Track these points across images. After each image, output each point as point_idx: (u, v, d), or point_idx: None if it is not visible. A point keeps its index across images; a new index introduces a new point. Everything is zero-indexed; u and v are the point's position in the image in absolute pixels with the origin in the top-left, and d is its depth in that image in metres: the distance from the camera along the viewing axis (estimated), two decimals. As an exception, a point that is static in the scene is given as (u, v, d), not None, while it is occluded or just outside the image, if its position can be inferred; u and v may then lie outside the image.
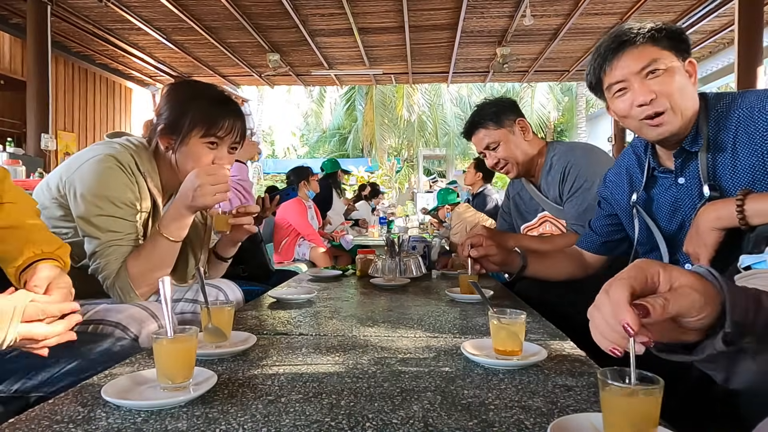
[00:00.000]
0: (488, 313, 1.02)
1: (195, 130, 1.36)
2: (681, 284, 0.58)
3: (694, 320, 0.58)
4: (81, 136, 8.00)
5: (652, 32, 1.20)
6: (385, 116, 18.80)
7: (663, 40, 1.20)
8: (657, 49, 1.20)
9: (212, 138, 1.38)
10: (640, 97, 1.21)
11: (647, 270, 0.59)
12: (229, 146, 1.43)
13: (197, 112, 1.36)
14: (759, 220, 1.02)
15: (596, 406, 0.74)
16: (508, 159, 2.04)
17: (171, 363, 0.81)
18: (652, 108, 1.20)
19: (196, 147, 1.37)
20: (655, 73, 1.20)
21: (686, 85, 1.21)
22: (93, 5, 5.80)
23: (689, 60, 1.23)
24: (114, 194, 1.30)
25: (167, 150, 1.40)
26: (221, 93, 1.45)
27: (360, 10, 5.86)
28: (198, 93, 1.41)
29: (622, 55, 1.22)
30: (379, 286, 1.92)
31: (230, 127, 1.39)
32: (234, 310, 1.14)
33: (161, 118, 1.40)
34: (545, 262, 1.69)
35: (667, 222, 1.34)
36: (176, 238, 1.35)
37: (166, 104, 1.40)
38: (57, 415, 0.73)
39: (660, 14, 6.00)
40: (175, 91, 1.44)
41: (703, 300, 0.57)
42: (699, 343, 0.61)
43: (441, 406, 0.77)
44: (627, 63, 1.22)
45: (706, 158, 1.21)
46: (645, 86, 1.20)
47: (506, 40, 6.81)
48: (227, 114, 1.39)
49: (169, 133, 1.38)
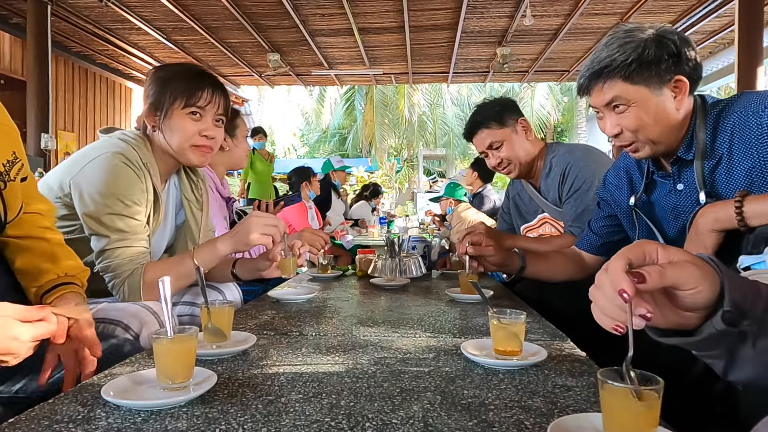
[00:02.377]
0: (488, 313, 1.03)
1: (176, 102, 1.40)
2: (679, 259, 0.58)
3: (691, 293, 0.58)
4: (81, 135, 8.01)
5: (621, 66, 1.19)
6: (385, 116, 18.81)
7: (633, 74, 1.19)
8: (625, 85, 1.21)
9: (193, 108, 1.42)
10: (608, 129, 1.27)
11: (645, 247, 0.60)
12: (213, 118, 1.46)
13: (177, 85, 1.41)
14: (758, 222, 1.02)
15: (596, 406, 0.74)
16: (511, 159, 2.03)
17: (171, 363, 0.81)
18: (620, 141, 1.27)
19: (179, 119, 1.41)
20: (620, 108, 1.23)
21: (660, 112, 1.20)
22: (93, 5, 5.80)
23: (676, 78, 1.19)
24: (123, 192, 1.31)
25: (154, 129, 1.44)
26: (199, 67, 1.51)
27: (360, 10, 5.86)
28: (177, 70, 1.46)
29: (594, 87, 1.26)
30: (379, 286, 1.92)
31: (210, 97, 1.43)
32: (234, 310, 1.14)
33: (147, 100, 1.45)
34: (544, 263, 1.69)
35: (669, 226, 1.34)
36: (204, 265, 1.36)
37: (150, 86, 1.45)
38: (57, 415, 0.73)
39: (660, 14, 6.00)
40: (156, 73, 1.48)
41: (700, 273, 0.57)
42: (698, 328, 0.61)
43: (441, 406, 0.77)
44: (596, 95, 1.26)
45: (702, 165, 1.20)
46: (613, 119, 1.26)
47: (506, 40, 6.82)
48: (205, 84, 1.43)
49: (153, 111, 1.42)
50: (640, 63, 1.18)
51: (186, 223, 1.60)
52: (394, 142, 19.82)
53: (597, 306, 0.61)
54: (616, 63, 1.20)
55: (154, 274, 1.32)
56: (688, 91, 1.21)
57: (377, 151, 18.65)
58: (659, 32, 1.20)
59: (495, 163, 2.07)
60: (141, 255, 1.35)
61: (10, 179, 1.03)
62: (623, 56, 1.19)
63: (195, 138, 1.43)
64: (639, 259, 0.59)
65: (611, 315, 0.60)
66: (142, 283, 1.31)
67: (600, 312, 0.61)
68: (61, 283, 1.07)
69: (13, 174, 1.03)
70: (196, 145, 1.44)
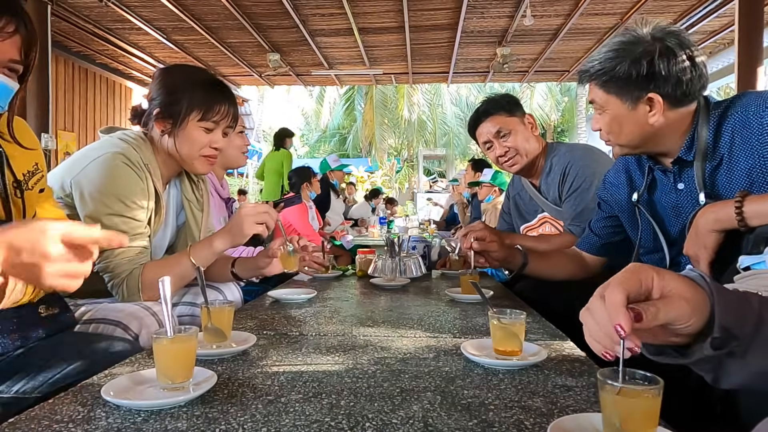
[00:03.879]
0: (488, 313, 1.03)
1: (193, 113, 1.40)
2: (672, 293, 0.59)
3: (682, 327, 0.59)
4: (81, 135, 8.00)
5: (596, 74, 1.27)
6: (385, 116, 18.81)
7: (607, 84, 1.25)
8: (599, 91, 1.29)
9: (209, 122, 1.42)
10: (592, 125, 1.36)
11: (641, 274, 0.60)
12: (223, 130, 1.47)
13: (194, 96, 1.40)
14: (758, 222, 1.02)
15: (596, 406, 0.74)
16: (518, 149, 2.01)
17: (171, 363, 0.81)
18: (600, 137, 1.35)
19: (193, 131, 1.41)
20: (598, 110, 1.31)
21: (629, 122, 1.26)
22: (93, 5, 5.79)
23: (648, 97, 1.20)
24: (124, 193, 1.31)
25: (162, 134, 1.43)
26: (214, 76, 1.51)
27: (360, 10, 5.86)
28: (192, 76, 1.45)
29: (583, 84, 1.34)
30: (379, 286, 1.92)
31: (225, 112, 1.44)
32: (234, 310, 1.14)
33: (155, 102, 1.43)
34: (546, 262, 1.69)
35: (670, 224, 1.34)
36: (201, 263, 1.36)
37: (160, 88, 1.43)
38: (57, 415, 0.73)
39: (660, 14, 5.99)
40: (167, 75, 1.47)
41: (691, 310, 0.58)
42: (689, 346, 0.62)
43: (441, 406, 0.77)
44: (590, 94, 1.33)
45: (702, 167, 1.21)
46: (595, 117, 1.33)
47: (506, 41, 6.81)
48: (222, 98, 1.43)
49: (165, 117, 1.41)
50: (611, 77, 1.23)
51: (186, 224, 1.60)
52: (394, 142, 19.84)
53: (588, 331, 0.62)
54: (593, 70, 1.27)
55: (152, 274, 1.32)
56: (663, 108, 1.21)
57: (377, 151, 18.65)
58: (655, 34, 1.20)
59: (501, 152, 2.03)
60: (140, 255, 1.35)
61: (27, 188, 1.05)
62: (599, 65, 1.25)
63: (205, 149, 1.44)
64: (635, 289, 0.59)
65: (601, 342, 0.60)
66: (141, 284, 1.31)
67: (591, 338, 0.62)
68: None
69: (31, 184, 1.06)
70: (203, 156, 1.45)
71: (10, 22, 0.89)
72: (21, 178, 1.03)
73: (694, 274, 0.62)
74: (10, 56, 0.92)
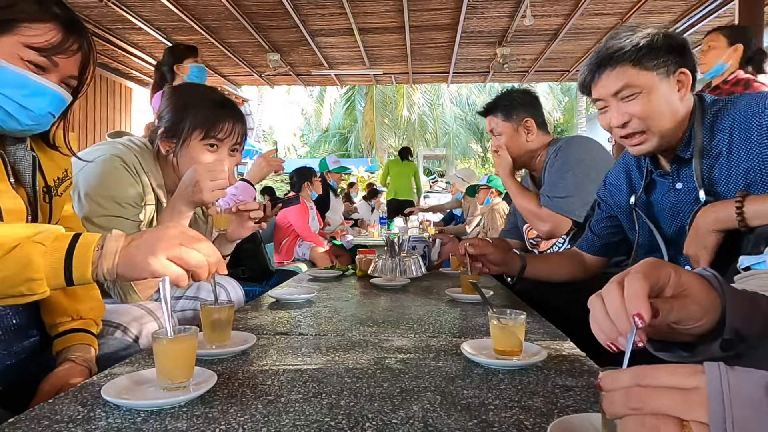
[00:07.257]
0: (488, 313, 1.03)
1: (195, 132, 1.37)
2: (686, 292, 0.58)
3: (692, 327, 0.59)
4: (81, 135, 8.00)
5: (631, 51, 1.20)
6: (385, 116, 18.82)
7: (643, 58, 1.20)
8: (635, 70, 1.20)
9: (212, 140, 1.39)
10: (614, 119, 1.25)
11: (660, 270, 0.59)
12: (229, 148, 1.44)
13: (197, 114, 1.37)
14: (758, 222, 1.02)
15: (596, 406, 0.74)
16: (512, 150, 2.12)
17: (171, 363, 0.81)
18: (625, 130, 1.24)
19: (196, 149, 1.38)
20: (630, 97, 1.22)
21: (666, 102, 1.21)
22: (93, 5, 5.79)
23: (680, 71, 1.21)
24: (118, 194, 1.31)
25: (168, 153, 1.41)
26: (220, 95, 1.47)
27: (360, 10, 5.86)
28: (197, 96, 1.42)
29: (601, 76, 1.25)
30: (379, 286, 1.92)
31: (230, 129, 1.40)
32: (234, 310, 1.14)
33: (162, 121, 1.41)
34: (545, 263, 1.69)
35: (667, 225, 1.34)
36: None
37: (167, 107, 1.42)
38: (57, 415, 0.73)
39: (660, 14, 5.99)
40: (175, 95, 1.45)
41: (702, 312, 0.58)
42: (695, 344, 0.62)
43: (441, 406, 0.77)
44: (604, 84, 1.25)
45: (700, 164, 1.20)
46: (620, 108, 1.24)
47: (506, 41, 6.81)
48: (226, 116, 1.40)
49: (169, 136, 1.39)
50: (650, 48, 1.19)
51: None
52: (394, 142, 19.83)
53: (595, 320, 0.61)
54: (627, 48, 1.21)
55: None
56: (690, 87, 1.22)
57: (377, 151, 18.65)
58: (663, 31, 1.22)
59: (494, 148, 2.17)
60: None
61: (57, 194, 1.07)
62: (634, 42, 1.21)
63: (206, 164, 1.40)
64: (654, 283, 0.58)
65: (605, 331, 0.60)
66: (133, 282, 1.30)
67: (597, 327, 0.61)
68: (74, 329, 1.09)
69: (60, 190, 1.08)
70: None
71: (76, 41, 0.97)
72: (52, 184, 1.05)
73: (707, 273, 0.62)
74: (71, 72, 0.98)
